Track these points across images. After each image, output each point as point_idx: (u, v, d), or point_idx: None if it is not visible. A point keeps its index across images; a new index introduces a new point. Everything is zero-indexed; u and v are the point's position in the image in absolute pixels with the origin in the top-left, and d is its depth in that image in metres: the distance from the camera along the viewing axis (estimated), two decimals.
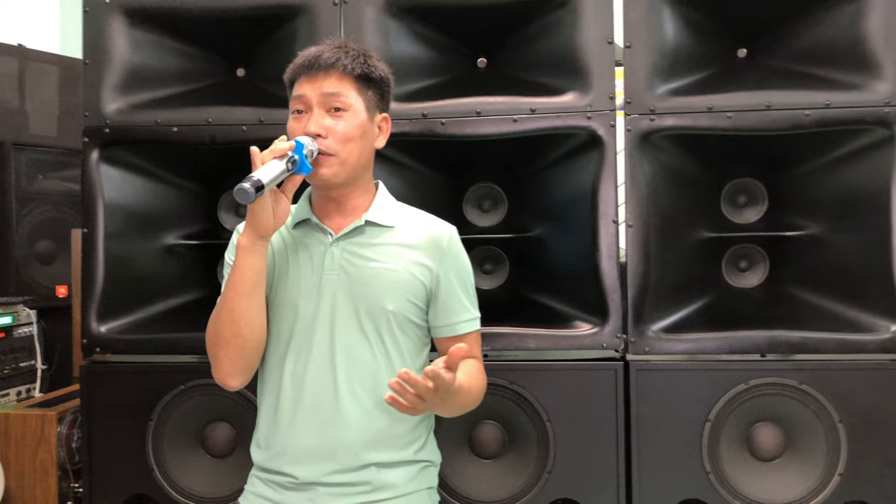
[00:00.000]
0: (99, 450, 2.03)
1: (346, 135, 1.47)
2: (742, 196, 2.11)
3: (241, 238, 1.42)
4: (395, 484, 1.49)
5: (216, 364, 1.47)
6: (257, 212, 1.39)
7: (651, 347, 1.93)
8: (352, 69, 1.48)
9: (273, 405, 1.50)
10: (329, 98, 1.46)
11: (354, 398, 1.46)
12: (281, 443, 1.49)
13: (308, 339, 1.48)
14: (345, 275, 1.48)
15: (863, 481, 1.88)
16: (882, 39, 1.88)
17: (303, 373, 1.47)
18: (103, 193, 2.02)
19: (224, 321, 1.43)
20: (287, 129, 1.50)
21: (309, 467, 1.46)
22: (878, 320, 1.89)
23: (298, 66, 1.49)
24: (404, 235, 1.52)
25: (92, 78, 2.03)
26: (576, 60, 1.94)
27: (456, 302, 1.55)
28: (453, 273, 1.54)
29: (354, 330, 1.47)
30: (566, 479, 1.93)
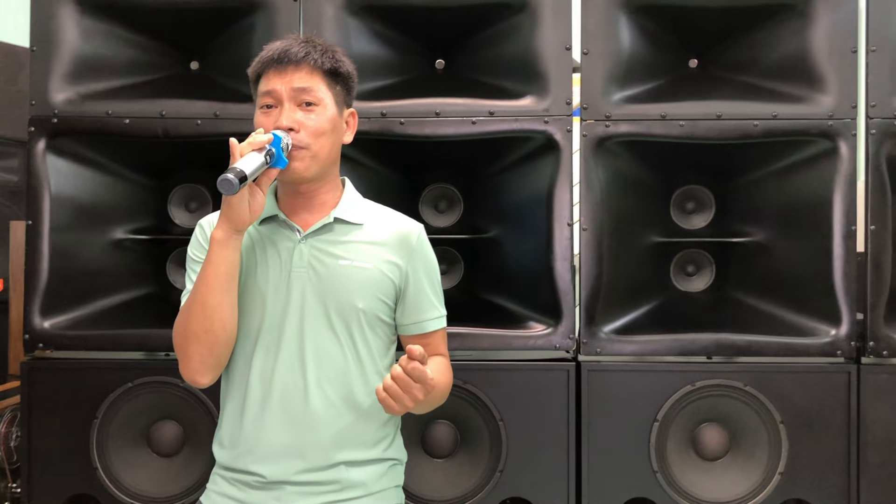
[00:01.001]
0: (39, 449, 1.97)
1: (318, 129, 1.46)
2: (690, 202, 2.16)
3: (216, 231, 1.39)
4: (364, 482, 1.49)
5: (185, 361, 1.44)
6: (234, 205, 1.37)
7: (602, 348, 1.97)
8: (321, 63, 1.47)
9: (239, 403, 1.48)
10: (300, 93, 1.45)
11: (324, 397, 1.45)
12: (248, 441, 1.46)
13: (276, 338, 1.46)
14: (314, 273, 1.46)
15: (802, 480, 1.95)
16: (826, 55, 1.95)
17: (271, 371, 1.45)
18: (49, 185, 1.97)
19: (195, 316, 1.40)
20: (255, 123, 1.48)
21: (277, 466, 1.45)
22: (818, 325, 1.96)
23: (266, 60, 1.47)
24: (373, 233, 1.52)
25: (39, 66, 1.97)
26: (534, 65, 1.97)
27: (424, 300, 1.55)
28: (422, 271, 1.55)
29: (324, 328, 1.46)
30: (517, 477, 1.95)
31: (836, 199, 1.95)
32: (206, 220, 1.55)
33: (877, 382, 1.94)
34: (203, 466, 1.97)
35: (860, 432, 1.94)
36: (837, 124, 1.94)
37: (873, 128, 1.94)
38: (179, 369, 1.46)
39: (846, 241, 1.94)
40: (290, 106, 1.44)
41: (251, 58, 1.96)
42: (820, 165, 1.97)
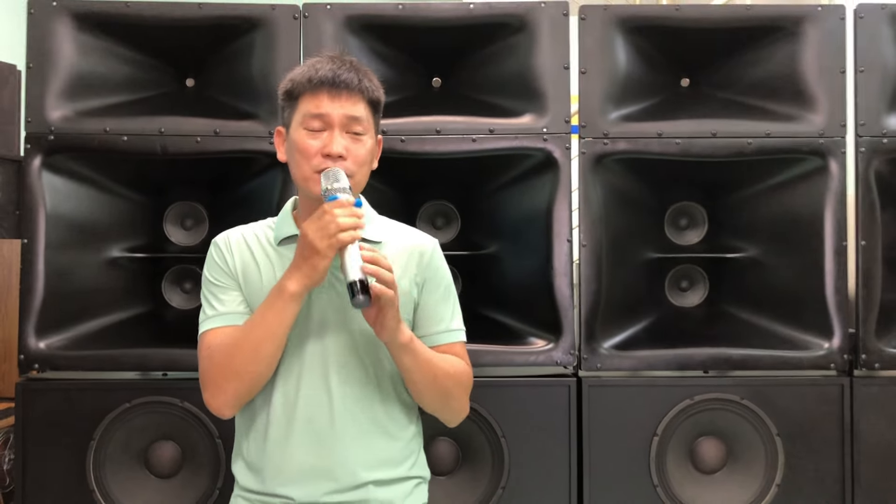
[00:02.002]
0: (34, 472, 1.94)
1: (363, 159, 1.46)
2: (683, 219, 2.20)
3: (290, 284, 1.36)
4: (392, 501, 1.48)
5: (218, 393, 1.42)
6: (322, 269, 1.36)
7: (603, 364, 1.99)
8: (369, 93, 1.46)
9: (263, 425, 1.46)
10: (351, 122, 1.43)
11: (350, 416, 1.44)
12: (275, 464, 1.44)
13: (299, 359, 1.45)
14: (335, 293, 1.46)
15: (799, 492, 1.98)
16: (816, 75, 2.01)
17: (295, 393, 1.44)
18: (45, 202, 1.94)
19: (244, 355, 1.39)
20: (294, 140, 1.45)
21: (306, 488, 1.43)
22: (811, 338, 2.00)
23: (319, 80, 1.43)
24: (392, 250, 1.52)
25: (35, 83, 1.95)
26: (532, 84, 1.99)
27: (437, 312, 1.54)
28: (435, 284, 1.55)
29: (347, 348, 1.45)
30: (520, 494, 1.96)
31: (827, 215, 2.00)
32: (221, 241, 1.52)
33: (869, 394, 1.99)
34: (202, 487, 1.95)
35: (854, 443, 1.98)
36: (828, 142, 1.99)
37: (862, 146, 1.99)
38: (206, 397, 1.43)
39: (837, 256, 1.99)
40: (340, 132, 1.43)
41: (251, 75, 2.01)
42: (811, 182, 2.02)
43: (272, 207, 1.93)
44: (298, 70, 1.48)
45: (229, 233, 1.53)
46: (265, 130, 1.96)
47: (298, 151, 1.44)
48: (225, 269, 1.48)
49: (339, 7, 1.98)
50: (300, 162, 1.44)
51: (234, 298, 1.47)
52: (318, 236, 1.33)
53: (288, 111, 1.48)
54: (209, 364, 1.43)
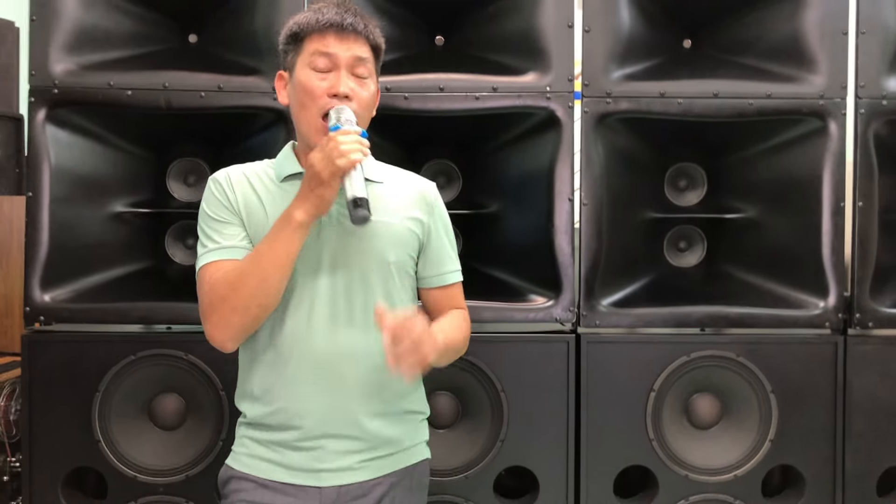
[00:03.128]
0: (40, 423, 1.96)
1: (367, 102, 1.49)
2: (683, 180, 2.22)
3: (297, 213, 1.38)
4: (400, 439, 1.52)
5: (223, 326, 1.42)
6: (329, 199, 1.38)
7: (601, 321, 2.02)
8: (373, 38, 1.50)
9: (272, 359, 1.48)
10: (358, 63, 1.47)
11: (358, 350, 1.47)
12: (285, 397, 1.47)
13: (311, 293, 1.46)
14: (343, 228, 1.48)
15: (791, 447, 2.02)
16: (817, 37, 2.01)
17: (306, 326, 1.46)
18: (49, 156, 1.94)
19: (250, 287, 1.40)
20: (300, 81, 1.47)
21: (316, 420, 1.46)
22: (807, 297, 2.04)
23: (326, 23, 1.45)
24: (394, 190, 1.55)
25: (39, 36, 1.94)
26: (536, 42, 2.00)
27: (444, 253, 1.61)
28: (441, 225, 1.61)
29: (357, 282, 1.48)
30: (518, 447, 2.00)
31: (826, 176, 2.02)
32: (221, 177, 1.52)
33: (862, 353, 2.02)
34: (206, 439, 1.98)
35: (846, 401, 2.02)
36: (828, 104, 2.00)
37: (862, 107, 2.01)
38: (209, 330, 1.44)
39: (834, 217, 2.02)
40: (347, 74, 1.46)
41: (255, 31, 2.01)
42: (810, 144, 2.04)
43: None
44: (302, 15, 1.50)
45: (228, 170, 1.54)
46: (269, 86, 1.96)
47: (304, 91, 1.45)
48: (226, 203, 1.49)
49: None
50: (305, 102, 1.46)
51: (236, 233, 1.47)
52: (323, 165, 1.35)
53: (292, 54, 1.50)
54: (213, 297, 1.42)
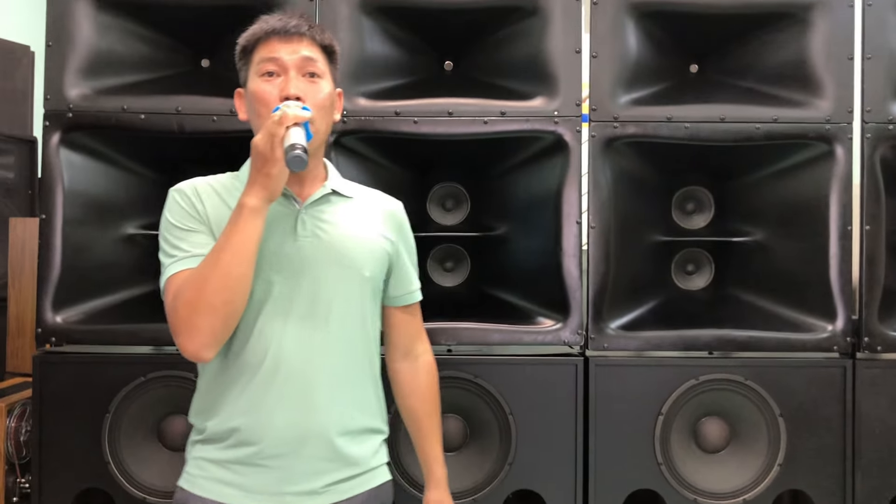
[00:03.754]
0: (50, 443, 1.97)
1: (322, 102, 1.47)
2: (690, 203, 2.23)
3: (249, 199, 1.36)
4: (366, 459, 1.52)
5: (193, 333, 1.36)
6: (275, 175, 1.36)
7: (609, 344, 2.02)
8: (321, 39, 1.50)
9: (242, 371, 1.45)
10: (306, 63, 1.46)
11: (333, 366, 1.47)
12: (252, 409, 1.44)
13: (284, 307, 1.45)
14: (319, 242, 1.48)
15: (800, 471, 2.02)
16: (823, 61, 2.03)
17: (279, 341, 1.44)
18: (63, 179, 1.97)
19: (215, 287, 1.35)
20: (252, 91, 1.47)
21: (282, 434, 1.44)
22: (815, 321, 2.04)
23: (269, 30, 1.48)
24: (363, 206, 1.57)
25: (55, 61, 1.97)
26: (544, 67, 2.02)
27: (411, 272, 1.65)
28: (409, 244, 1.65)
29: (331, 297, 1.47)
30: (526, 470, 2.00)
31: (833, 199, 2.02)
32: (187, 187, 1.51)
33: (871, 376, 2.02)
34: None
35: (855, 424, 2.01)
36: (834, 128, 2.02)
37: (868, 132, 2.02)
38: (181, 342, 1.38)
39: (842, 240, 2.02)
40: (296, 75, 1.46)
41: None
42: (817, 167, 2.05)
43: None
44: (249, 29, 1.52)
45: (193, 181, 1.53)
46: None
47: (256, 100, 1.46)
48: (193, 213, 1.47)
49: None
50: (259, 110, 1.46)
51: (203, 241, 1.44)
52: (264, 142, 1.35)
53: (244, 69, 1.52)
54: (179, 304, 1.38)
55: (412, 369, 1.67)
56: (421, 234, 2.13)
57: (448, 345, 2.02)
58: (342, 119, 1.98)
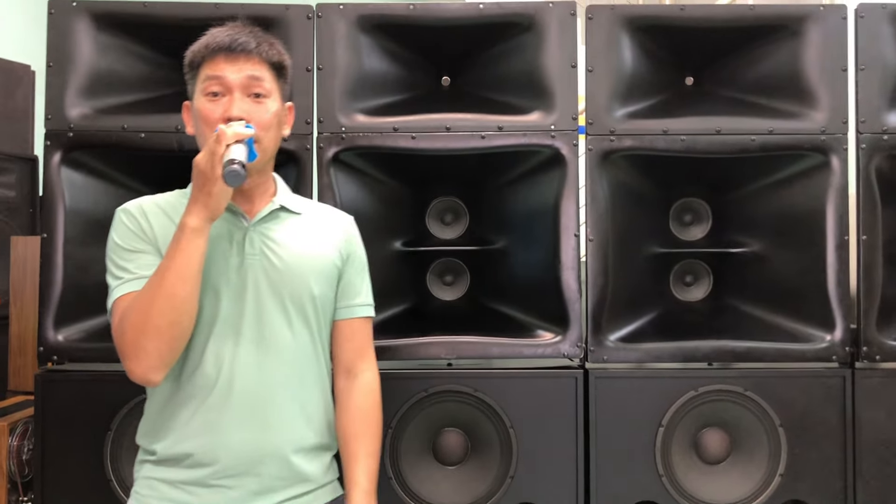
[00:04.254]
0: (52, 462, 1.97)
1: (268, 122, 1.48)
2: (688, 214, 2.24)
3: (190, 219, 1.36)
4: (317, 476, 1.53)
5: (140, 356, 1.36)
6: (216, 194, 1.35)
7: (609, 356, 2.03)
8: (269, 56, 1.49)
9: (193, 391, 1.45)
10: (252, 83, 1.46)
11: (283, 384, 1.48)
12: (206, 430, 1.44)
13: (234, 326, 1.45)
14: (267, 260, 1.48)
15: (801, 481, 2.02)
16: (818, 74, 2.05)
17: (230, 361, 1.45)
18: (64, 198, 1.98)
19: (161, 309, 1.34)
20: (196, 109, 1.48)
21: (238, 453, 1.44)
22: (814, 331, 2.04)
23: (215, 46, 1.47)
24: (312, 222, 1.58)
25: (55, 81, 1.98)
26: (540, 82, 2.03)
27: (356, 285, 1.63)
28: (358, 257, 1.64)
29: (280, 315, 1.48)
30: (528, 483, 2.00)
31: (829, 210, 2.03)
32: (133, 207, 1.51)
33: (870, 386, 2.02)
34: None
35: (855, 434, 2.02)
36: (829, 139, 2.03)
37: (863, 142, 2.03)
38: (129, 366, 1.39)
39: (839, 250, 2.03)
40: (241, 96, 1.45)
41: None
42: (813, 178, 2.06)
43: None
44: (197, 42, 1.50)
45: (139, 201, 1.53)
46: None
47: (201, 119, 1.46)
48: (140, 234, 1.47)
49: (351, 7, 2.02)
50: (203, 130, 1.46)
51: (149, 262, 1.44)
52: (204, 160, 1.35)
53: (191, 83, 1.51)
54: (125, 327, 1.38)
55: (349, 386, 1.64)
56: (420, 249, 2.16)
57: (448, 358, 2.02)
58: (340, 135, 1.99)
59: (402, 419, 1.98)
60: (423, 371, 2.01)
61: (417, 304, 2.18)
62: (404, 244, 2.16)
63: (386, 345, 1.99)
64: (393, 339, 2.01)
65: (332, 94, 2.01)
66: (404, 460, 1.99)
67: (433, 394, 1.99)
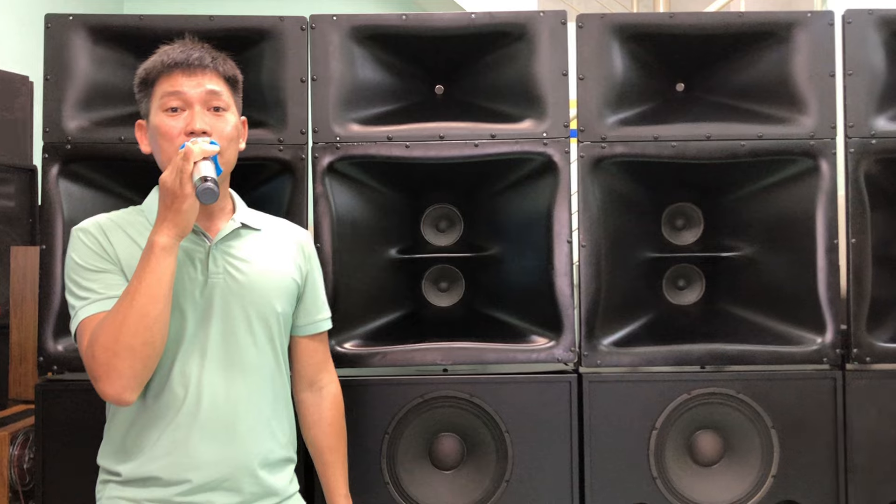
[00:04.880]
0: (53, 470, 2.00)
1: (230, 135, 1.51)
2: (680, 219, 2.26)
3: (159, 238, 1.36)
4: (283, 489, 1.57)
5: (113, 377, 1.36)
6: (186, 211, 1.36)
7: (602, 360, 2.05)
8: (224, 71, 1.53)
9: (161, 410, 1.46)
10: (211, 96, 1.49)
11: (249, 399, 1.51)
12: (174, 448, 1.46)
13: (200, 345, 1.47)
14: (231, 279, 1.51)
15: (793, 482, 2.04)
16: (806, 79, 2.07)
17: (198, 379, 1.47)
18: (62, 210, 2.01)
19: (132, 328, 1.34)
20: (155, 125, 1.49)
21: (208, 470, 1.47)
22: (805, 334, 2.07)
23: (170, 63, 1.49)
24: (273, 238, 1.61)
25: (53, 95, 2.01)
26: (532, 90, 2.06)
27: (319, 300, 1.68)
28: (317, 273, 1.68)
29: (246, 332, 1.51)
30: (523, 487, 2.02)
31: (819, 214, 2.06)
32: (91, 226, 1.51)
33: (861, 387, 2.05)
34: None
35: (846, 435, 2.04)
36: (818, 144, 2.05)
37: (852, 147, 2.06)
38: (101, 387, 1.39)
39: (829, 254, 2.06)
40: (201, 110, 1.48)
41: (261, 84, 2.07)
42: (802, 183, 2.09)
43: (282, 211, 2.00)
44: (150, 60, 1.53)
45: (97, 219, 1.54)
46: (274, 138, 2.02)
47: (161, 136, 1.47)
48: (101, 253, 1.47)
49: (344, 18, 2.05)
50: (164, 147, 1.47)
51: (114, 282, 1.44)
52: (172, 178, 1.36)
53: (145, 101, 1.53)
54: (96, 348, 1.37)
55: (316, 400, 1.69)
56: (415, 256, 2.18)
57: (444, 364, 2.05)
58: (335, 144, 2.02)
59: (399, 424, 2.01)
60: (420, 377, 2.04)
61: (413, 310, 2.20)
62: (399, 251, 2.18)
63: (382, 351, 2.02)
64: (389, 346, 2.04)
65: (326, 104, 2.03)
66: (401, 465, 2.01)
67: (429, 399, 2.02)
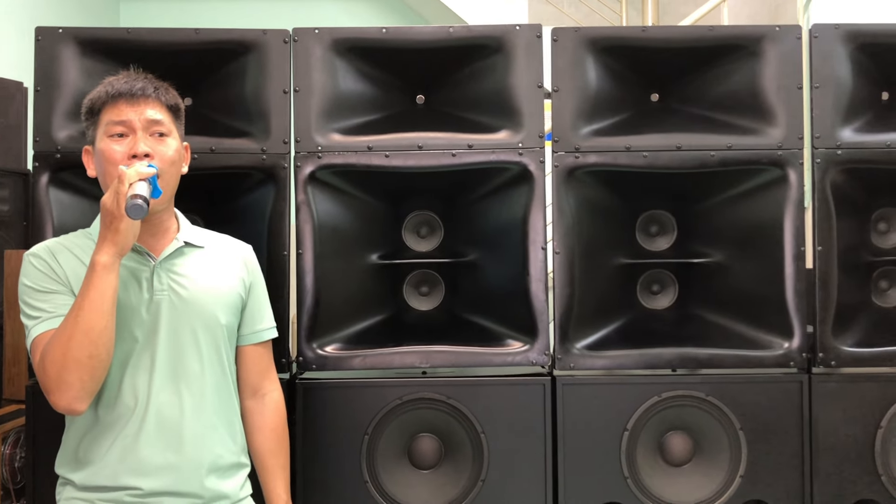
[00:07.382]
0: (43, 469, 2.05)
1: (171, 158, 1.61)
2: (654, 226, 2.33)
3: (100, 257, 1.45)
4: (234, 493, 1.65)
5: (64, 389, 1.45)
6: (123, 230, 1.45)
7: (575, 363, 2.12)
8: (166, 100, 1.63)
9: (112, 420, 1.55)
10: (153, 124, 1.59)
11: (197, 410, 1.59)
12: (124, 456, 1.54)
13: (149, 359, 1.56)
14: (176, 295, 1.59)
15: (761, 482, 2.11)
16: (774, 91, 2.13)
17: (147, 392, 1.55)
18: (52, 217, 2.07)
19: (79, 342, 1.43)
20: (100, 150, 1.58)
21: (158, 477, 1.55)
22: (773, 338, 2.13)
23: (114, 93, 1.59)
24: (216, 254, 1.69)
25: (43, 105, 2.07)
26: (509, 101, 2.12)
27: (262, 311, 1.76)
28: (259, 285, 1.77)
29: (192, 346, 1.60)
30: (499, 486, 2.09)
31: (787, 222, 2.12)
32: (41, 251, 1.60)
33: (826, 390, 2.11)
34: None
35: (812, 436, 2.11)
36: (786, 154, 2.12)
37: (818, 157, 2.12)
38: (53, 400, 1.48)
39: (796, 260, 2.12)
40: (144, 135, 1.58)
41: (244, 96, 2.13)
42: (771, 192, 2.15)
43: (265, 220, 2.06)
44: (96, 90, 1.63)
45: (46, 243, 1.63)
46: (258, 148, 2.09)
47: (106, 160, 1.56)
48: (51, 275, 1.56)
49: (326, 31, 2.11)
50: (108, 170, 1.56)
51: (63, 301, 1.53)
52: (110, 199, 1.45)
53: (91, 128, 1.62)
54: (46, 363, 1.46)
55: (259, 407, 1.76)
56: (396, 261, 2.24)
57: (422, 367, 2.11)
58: (317, 153, 2.08)
59: (378, 425, 2.07)
60: (399, 379, 2.10)
61: (394, 314, 2.27)
62: (381, 257, 2.24)
63: (363, 354, 2.09)
64: (370, 349, 2.11)
65: (308, 115, 2.09)
66: (380, 465, 2.08)
67: (408, 401, 2.08)
